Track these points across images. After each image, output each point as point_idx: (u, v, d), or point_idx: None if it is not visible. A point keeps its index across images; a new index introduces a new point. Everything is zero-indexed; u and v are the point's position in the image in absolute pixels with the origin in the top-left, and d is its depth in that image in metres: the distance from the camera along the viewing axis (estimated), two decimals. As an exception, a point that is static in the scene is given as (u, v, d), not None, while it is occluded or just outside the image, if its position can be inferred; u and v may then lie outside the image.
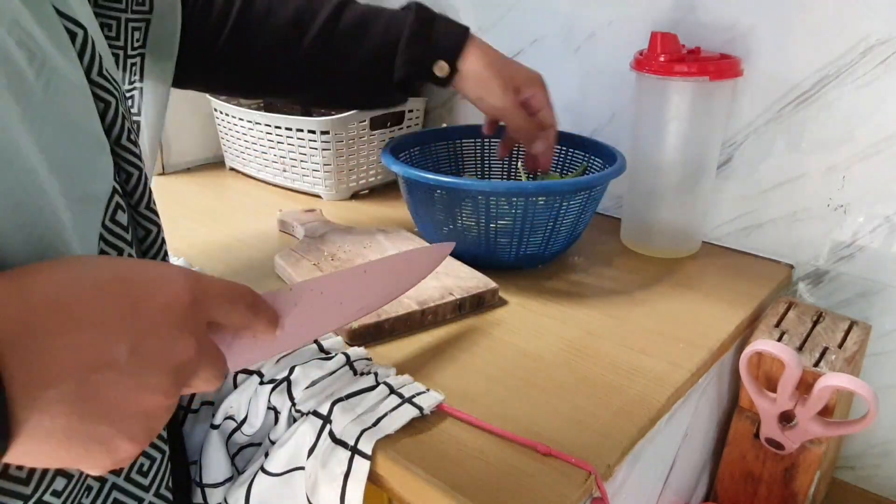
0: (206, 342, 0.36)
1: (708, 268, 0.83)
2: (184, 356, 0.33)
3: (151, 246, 0.46)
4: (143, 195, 0.44)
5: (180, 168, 1.18)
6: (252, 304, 0.39)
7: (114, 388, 0.30)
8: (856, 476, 0.87)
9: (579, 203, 0.75)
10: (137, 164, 0.43)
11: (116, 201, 0.40)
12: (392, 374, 0.57)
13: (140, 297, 0.32)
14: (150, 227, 0.45)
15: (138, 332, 0.31)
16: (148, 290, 0.32)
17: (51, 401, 0.28)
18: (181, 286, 0.33)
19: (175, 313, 0.33)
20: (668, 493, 0.69)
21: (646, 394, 0.57)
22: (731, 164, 0.87)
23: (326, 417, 0.51)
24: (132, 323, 0.31)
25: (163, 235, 0.47)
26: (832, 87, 0.77)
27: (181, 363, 0.33)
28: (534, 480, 0.47)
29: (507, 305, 0.72)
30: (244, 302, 0.38)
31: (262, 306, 0.40)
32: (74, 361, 0.29)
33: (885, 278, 0.79)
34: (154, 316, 0.32)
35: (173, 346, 0.32)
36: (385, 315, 0.64)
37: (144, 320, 0.31)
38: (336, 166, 1.01)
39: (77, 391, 0.29)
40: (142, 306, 0.31)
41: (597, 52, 0.95)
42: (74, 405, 0.29)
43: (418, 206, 0.79)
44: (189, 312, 0.33)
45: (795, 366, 0.63)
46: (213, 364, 0.36)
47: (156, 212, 0.46)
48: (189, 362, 0.33)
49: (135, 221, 0.44)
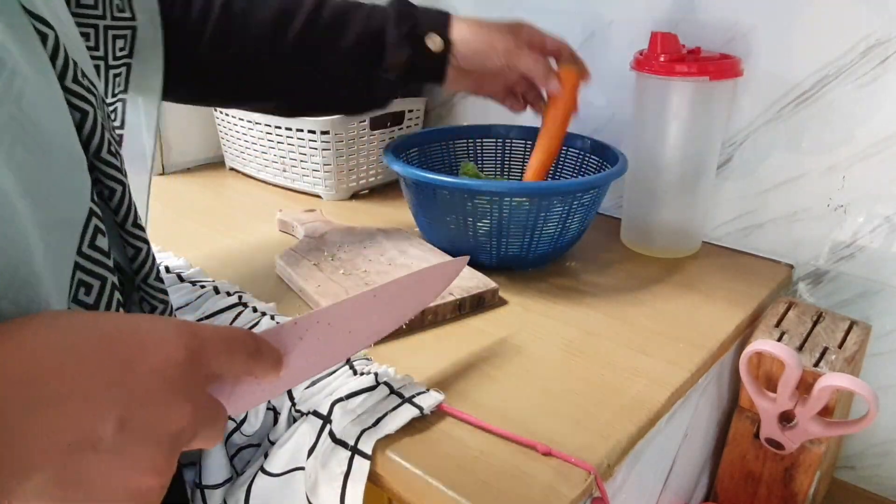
0: (204, 401, 0.32)
1: (708, 268, 0.83)
2: (179, 424, 0.30)
3: (142, 266, 0.42)
4: (129, 212, 0.40)
5: (180, 168, 1.18)
6: (253, 351, 0.36)
7: (99, 471, 0.27)
8: (856, 476, 0.87)
9: (586, 203, 0.75)
10: (121, 179, 0.39)
11: (95, 225, 0.35)
12: (392, 374, 0.57)
13: (129, 360, 0.28)
14: (139, 246, 0.42)
15: (127, 402, 0.28)
16: (138, 351, 0.29)
17: (28, 493, 0.25)
18: (175, 344, 0.30)
19: (169, 375, 0.29)
20: (668, 493, 0.69)
21: (646, 394, 0.57)
22: (731, 164, 0.87)
23: (326, 417, 0.51)
24: (120, 392, 0.28)
25: (152, 253, 0.44)
26: (832, 87, 0.77)
27: (176, 432, 0.30)
28: (534, 480, 0.47)
29: (507, 305, 0.72)
30: (245, 350, 0.35)
31: (263, 350, 0.37)
32: (54, 444, 0.26)
33: (885, 278, 0.79)
34: (145, 381, 0.28)
35: (167, 414, 0.29)
36: None
37: (134, 388, 0.28)
38: (336, 166, 1.01)
39: (58, 478, 0.26)
40: (131, 371, 0.28)
41: (597, 52, 0.95)
42: (55, 494, 0.26)
43: (420, 207, 0.79)
44: (185, 372, 0.30)
45: (795, 366, 0.63)
46: (212, 425, 0.32)
47: (143, 228, 0.42)
48: (185, 430, 0.30)
49: (122, 241, 0.41)
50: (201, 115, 1.17)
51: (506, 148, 0.95)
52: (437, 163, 0.93)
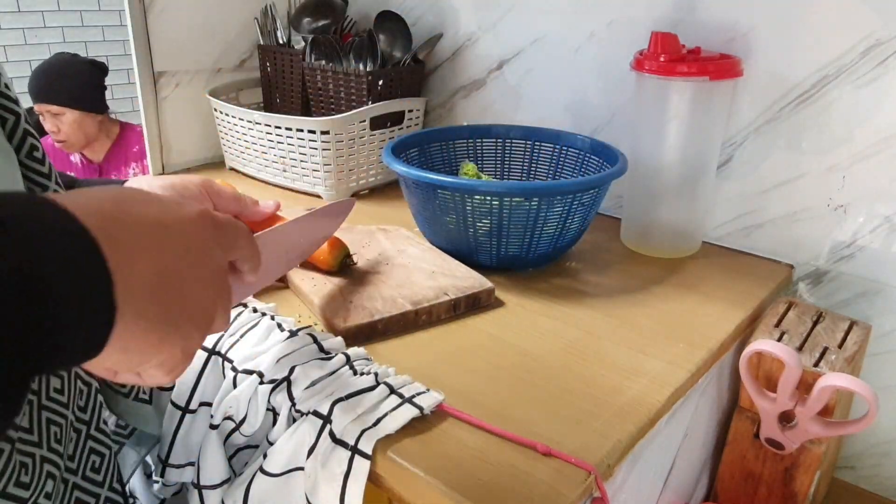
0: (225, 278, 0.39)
1: (708, 268, 0.83)
2: (222, 263, 0.37)
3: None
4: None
5: (180, 168, 1.18)
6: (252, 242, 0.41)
7: (184, 280, 0.34)
8: (856, 476, 0.87)
9: (586, 203, 0.75)
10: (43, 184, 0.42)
11: None
12: (392, 374, 0.57)
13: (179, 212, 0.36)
14: None
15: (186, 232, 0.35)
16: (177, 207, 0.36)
17: (140, 285, 0.31)
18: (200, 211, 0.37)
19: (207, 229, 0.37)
20: (668, 493, 0.69)
21: (646, 394, 0.57)
22: (731, 164, 0.87)
23: (327, 417, 0.51)
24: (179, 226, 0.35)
25: None
26: (832, 87, 0.77)
27: (220, 269, 0.37)
28: (534, 480, 0.47)
29: (507, 306, 0.72)
30: (248, 236, 0.41)
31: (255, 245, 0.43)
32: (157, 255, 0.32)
33: (885, 278, 0.79)
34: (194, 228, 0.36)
35: (212, 251, 0.37)
36: (378, 315, 0.64)
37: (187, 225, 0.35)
38: (336, 166, 1.01)
39: (160, 280, 0.32)
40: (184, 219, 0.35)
41: (597, 52, 0.95)
42: (157, 290, 0.32)
43: (420, 207, 0.79)
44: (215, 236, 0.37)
45: (795, 366, 0.62)
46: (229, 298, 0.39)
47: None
48: (224, 272, 0.38)
49: None
50: (201, 115, 1.17)
51: (506, 148, 0.95)
52: (437, 163, 0.93)
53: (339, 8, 1.16)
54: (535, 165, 0.95)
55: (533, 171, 0.95)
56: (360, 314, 0.64)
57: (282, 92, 1.18)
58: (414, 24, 1.13)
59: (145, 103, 1.11)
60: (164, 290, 0.32)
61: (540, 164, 0.94)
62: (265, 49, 1.17)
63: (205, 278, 0.36)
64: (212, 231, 0.37)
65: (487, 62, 1.08)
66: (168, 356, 0.34)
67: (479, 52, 1.09)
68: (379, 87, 1.04)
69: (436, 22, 1.13)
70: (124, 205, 0.32)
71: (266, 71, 1.19)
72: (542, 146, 0.93)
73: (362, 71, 1.03)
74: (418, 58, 1.10)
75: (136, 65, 1.08)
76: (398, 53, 1.10)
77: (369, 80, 1.02)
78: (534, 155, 0.94)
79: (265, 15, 1.17)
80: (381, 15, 1.11)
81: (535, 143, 0.94)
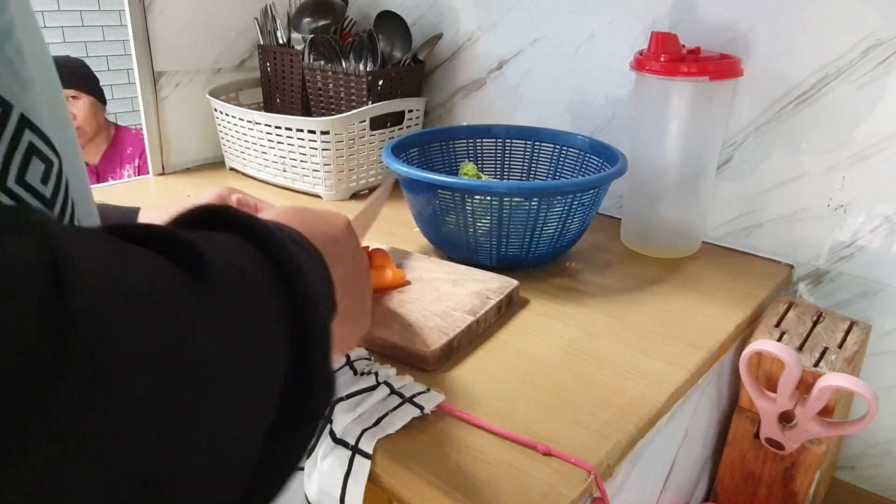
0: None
1: (708, 268, 0.83)
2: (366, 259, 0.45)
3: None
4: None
5: (180, 168, 1.18)
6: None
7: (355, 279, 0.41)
8: (856, 476, 0.87)
9: (586, 203, 0.75)
10: None
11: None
12: (392, 374, 0.57)
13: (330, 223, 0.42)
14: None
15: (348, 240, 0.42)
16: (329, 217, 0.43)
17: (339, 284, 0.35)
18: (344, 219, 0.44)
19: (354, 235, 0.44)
20: (668, 493, 0.69)
21: (646, 394, 0.57)
22: (731, 164, 0.87)
23: (327, 417, 0.51)
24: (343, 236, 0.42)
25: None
26: (832, 87, 0.77)
27: (367, 264, 0.45)
28: (534, 480, 0.47)
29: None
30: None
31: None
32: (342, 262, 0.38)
33: (885, 278, 0.79)
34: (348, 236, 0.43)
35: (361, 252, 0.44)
36: (452, 333, 0.61)
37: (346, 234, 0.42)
38: (336, 166, 1.01)
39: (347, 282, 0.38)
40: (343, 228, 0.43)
41: (597, 52, 0.95)
42: (348, 291, 0.38)
43: (420, 207, 0.79)
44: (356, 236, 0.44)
45: (795, 366, 0.62)
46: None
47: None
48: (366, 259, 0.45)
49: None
50: (201, 115, 1.17)
51: (506, 148, 0.95)
52: (437, 163, 0.93)
53: (339, 8, 1.16)
54: (535, 165, 0.95)
55: (533, 171, 0.95)
56: (435, 335, 0.60)
57: (282, 92, 1.18)
58: (414, 24, 1.13)
59: (145, 103, 1.11)
60: (350, 289, 0.39)
61: (540, 164, 0.94)
62: (265, 49, 1.17)
63: (364, 273, 0.44)
64: (355, 236, 0.44)
65: (487, 62, 1.08)
66: (349, 343, 0.43)
67: (479, 52, 1.09)
68: (379, 87, 1.04)
69: (436, 22, 1.13)
70: (307, 223, 0.38)
71: (266, 71, 1.19)
72: (542, 146, 0.93)
73: (362, 71, 1.03)
74: (418, 58, 1.10)
75: (136, 65, 1.08)
76: (398, 53, 1.10)
77: (369, 80, 1.02)
78: (534, 155, 0.94)
79: (265, 15, 1.17)
80: (381, 15, 1.11)
81: (535, 143, 0.94)
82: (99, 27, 3.12)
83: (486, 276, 0.72)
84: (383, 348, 0.61)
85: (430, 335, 0.60)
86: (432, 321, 0.63)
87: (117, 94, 3.05)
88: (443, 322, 0.62)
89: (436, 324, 0.62)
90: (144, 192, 1.09)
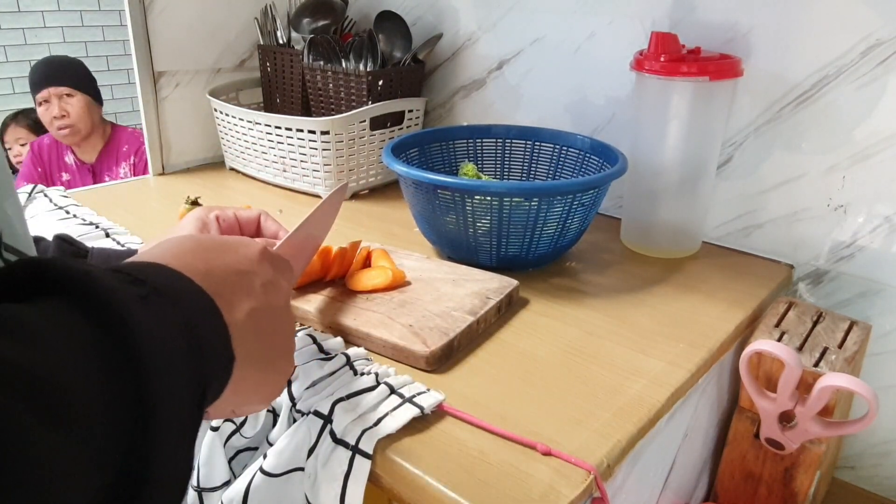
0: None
1: (708, 268, 0.83)
2: (288, 291, 0.40)
3: None
4: None
5: (180, 168, 1.18)
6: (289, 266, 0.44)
7: (268, 317, 0.36)
8: (856, 476, 0.87)
9: (586, 203, 0.75)
10: None
11: None
12: (392, 374, 0.57)
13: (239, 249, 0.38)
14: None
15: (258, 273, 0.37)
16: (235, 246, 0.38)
17: (242, 330, 0.32)
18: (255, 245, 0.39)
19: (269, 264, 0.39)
20: (668, 493, 0.69)
21: (646, 394, 0.57)
22: (731, 164, 0.87)
23: (327, 417, 0.51)
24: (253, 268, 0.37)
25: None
26: (832, 87, 0.77)
27: (288, 297, 0.40)
28: (534, 480, 0.47)
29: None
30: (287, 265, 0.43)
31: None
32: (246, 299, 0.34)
33: (885, 278, 0.79)
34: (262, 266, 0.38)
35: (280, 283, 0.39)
36: (452, 333, 0.61)
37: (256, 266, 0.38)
38: (336, 166, 1.01)
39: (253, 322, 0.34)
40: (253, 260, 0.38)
41: (597, 52, 0.95)
42: (253, 332, 0.34)
43: (420, 207, 0.79)
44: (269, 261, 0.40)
45: (795, 366, 0.62)
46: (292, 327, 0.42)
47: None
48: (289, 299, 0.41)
49: None
50: (201, 115, 1.17)
51: (506, 148, 0.95)
52: (437, 163, 0.93)
53: (339, 8, 1.16)
54: (535, 165, 0.95)
55: (533, 171, 0.95)
56: (435, 336, 0.60)
57: (282, 92, 1.18)
58: (414, 24, 1.13)
59: (145, 103, 1.11)
60: (257, 330, 0.34)
61: (540, 164, 0.94)
62: (265, 49, 1.17)
63: (281, 308, 0.38)
64: (272, 265, 0.39)
65: (487, 62, 1.08)
66: (270, 387, 0.37)
67: (479, 52, 1.09)
68: (379, 87, 1.04)
69: (436, 22, 1.13)
70: (207, 257, 0.34)
71: (266, 71, 1.19)
72: (542, 146, 0.93)
73: (362, 71, 1.03)
74: (418, 58, 1.10)
75: (136, 65, 1.08)
76: (398, 53, 1.10)
77: (369, 80, 1.02)
78: (534, 155, 0.94)
79: (265, 15, 1.17)
80: (381, 15, 1.11)
81: (535, 143, 0.94)
82: (99, 27, 3.13)
83: (486, 276, 0.72)
84: (383, 348, 0.61)
85: (430, 335, 0.60)
86: (432, 321, 0.63)
87: (117, 94, 3.06)
88: (443, 322, 0.62)
89: (436, 324, 0.62)
90: (144, 192, 1.09)
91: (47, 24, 2.97)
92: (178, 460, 0.25)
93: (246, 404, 0.36)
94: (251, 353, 0.33)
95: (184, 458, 0.26)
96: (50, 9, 2.96)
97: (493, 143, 0.96)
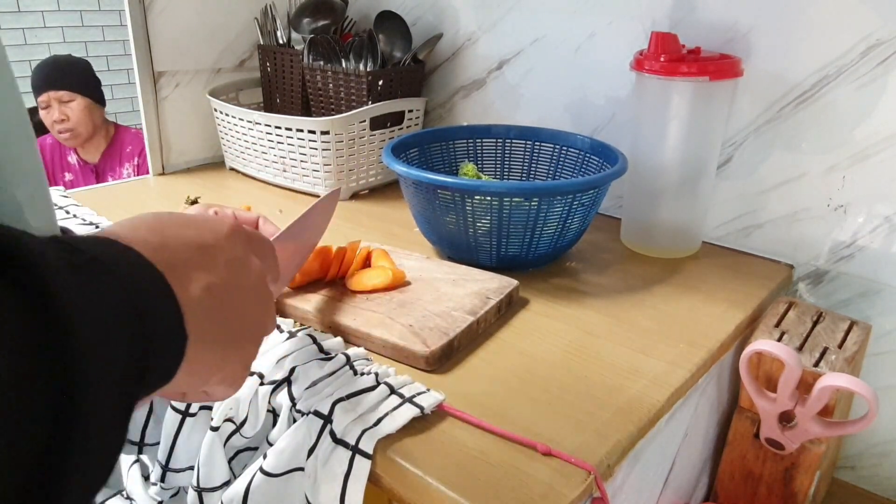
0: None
1: (708, 268, 0.83)
2: (261, 272, 0.38)
3: None
4: None
5: (180, 168, 1.18)
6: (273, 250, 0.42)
7: (232, 295, 0.34)
8: (856, 476, 0.87)
9: (586, 203, 0.75)
10: None
11: None
12: (392, 374, 0.57)
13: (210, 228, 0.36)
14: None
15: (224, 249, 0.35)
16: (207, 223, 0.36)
17: (197, 308, 0.30)
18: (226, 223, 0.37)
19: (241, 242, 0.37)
20: (668, 493, 0.69)
21: (646, 394, 0.57)
22: (731, 164, 0.87)
23: (327, 417, 0.51)
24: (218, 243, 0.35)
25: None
26: (832, 87, 0.77)
27: (261, 278, 0.38)
28: (534, 480, 0.47)
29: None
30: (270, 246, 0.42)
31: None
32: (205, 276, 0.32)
33: (885, 278, 0.79)
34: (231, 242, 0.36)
35: (250, 262, 0.37)
36: (452, 333, 0.61)
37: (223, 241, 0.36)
38: (336, 166, 1.01)
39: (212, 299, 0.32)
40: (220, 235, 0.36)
41: (597, 52, 0.95)
42: (212, 310, 0.32)
43: (420, 207, 0.79)
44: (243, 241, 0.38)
45: (795, 366, 0.62)
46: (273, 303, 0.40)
47: None
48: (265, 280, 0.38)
49: None
50: (201, 115, 1.17)
51: (506, 148, 0.95)
52: (437, 163, 0.93)
53: (339, 8, 1.16)
54: (535, 165, 0.95)
55: (533, 171, 0.95)
56: (435, 336, 0.60)
57: (282, 92, 1.18)
58: (414, 24, 1.13)
59: (145, 103, 1.11)
60: (217, 308, 0.32)
61: (540, 165, 0.94)
62: (265, 49, 1.17)
63: (249, 289, 0.36)
64: (245, 243, 0.37)
65: (487, 62, 1.08)
66: (230, 372, 0.35)
67: (479, 52, 1.09)
68: (379, 88, 1.04)
69: (436, 22, 1.13)
70: (164, 230, 0.32)
71: (266, 71, 1.19)
72: (542, 146, 0.93)
73: (362, 71, 1.03)
74: (418, 58, 1.10)
75: (136, 65, 1.08)
76: (398, 53, 1.10)
77: (369, 80, 1.02)
78: (534, 155, 0.94)
79: (265, 15, 1.17)
80: (381, 15, 1.11)
81: (535, 143, 0.94)
82: (99, 27, 3.13)
83: (486, 276, 0.72)
84: (383, 348, 0.61)
85: (430, 335, 0.60)
86: (432, 321, 0.63)
87: (117, 94, 3.06)
88: (443, 322, 0.62)
89: (436, 324, 0.62)
90: (144, 192, 1.09)
91: (47, 24, 2.97)
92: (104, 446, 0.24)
93: (202, 386, 0.34)
94: (208, 333, 0.31)
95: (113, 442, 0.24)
96: (50, 9, 2.96)
97: (493, 143, 0.96)
